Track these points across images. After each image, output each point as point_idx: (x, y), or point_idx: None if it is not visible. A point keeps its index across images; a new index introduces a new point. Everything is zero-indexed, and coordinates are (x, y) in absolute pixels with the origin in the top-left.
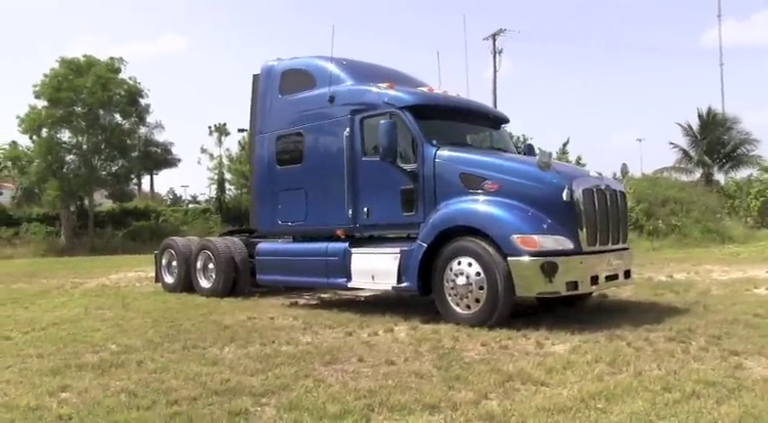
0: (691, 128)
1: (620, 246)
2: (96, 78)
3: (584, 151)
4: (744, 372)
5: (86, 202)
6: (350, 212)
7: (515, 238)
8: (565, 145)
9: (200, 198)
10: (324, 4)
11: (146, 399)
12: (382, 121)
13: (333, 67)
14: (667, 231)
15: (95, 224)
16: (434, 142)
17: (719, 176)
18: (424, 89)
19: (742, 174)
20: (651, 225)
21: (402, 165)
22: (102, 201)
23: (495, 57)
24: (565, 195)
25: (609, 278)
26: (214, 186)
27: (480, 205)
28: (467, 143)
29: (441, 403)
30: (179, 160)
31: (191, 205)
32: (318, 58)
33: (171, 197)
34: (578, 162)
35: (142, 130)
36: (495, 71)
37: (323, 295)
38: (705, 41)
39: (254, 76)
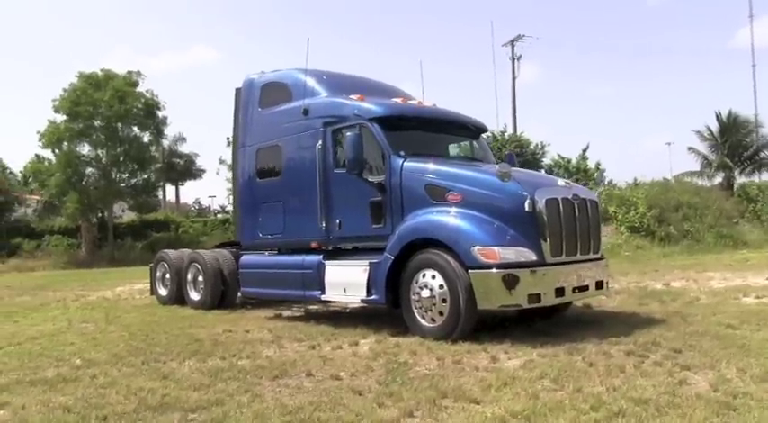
0: (711, 131)
1: (592, 256)
2: (114, 92)
3: (613, 157)
4: (684, 388)
5: (106, 214)
6: (323, 225)
7: (476, 250)
8: (584, 151)
9: (229, 208)
10: (354, 17)
11: (77, 414)
12: (349, 133)
13: (309, 80)
14: (679, 237)
15: (116, 236)
16: (402, 153)
17: (742, 180)
18: (398, 100)
19: (765, 177)
20: (663, 231)
21: (371, 176)
22: (126, 213)
23: (513, 63)
24: (527, 206)
25: (577, 290)
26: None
27: (443, 217)
28: (438, 154)
29: (362, 421)
30: (203, 171)
31: (218, 215)
32: (296, 70)
33: (197, 208)
34: (597, 168)
35: (166, 142)
36: (513, 78)
37: (311, 307)
38: (737, 42)
39: (237, 89)
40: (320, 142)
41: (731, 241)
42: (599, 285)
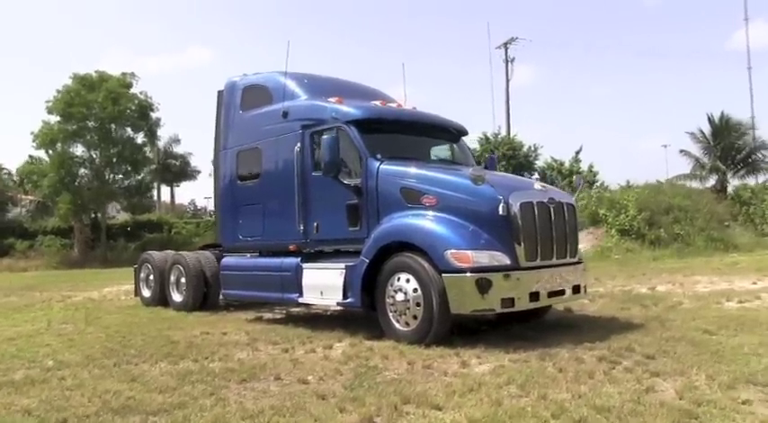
0: (703, 134)
1: (569, 260)
2: (107, 93)
3: (610, 159)
4: (650, 396)
5: (99, 215)
6: (301, 227)
7: (449, 253)
8: (578, 153)
9: None
10: (352, 19)
11: (37, 417)
12: (326, 136)
13: (289, 83)
14: (669, 240)
15: (109, 237)
16: (379, 156)
17: (736, 183)
18: (376, 103)
19: (760, 180)
20: (653, 234)
21: (348, 179)
22: (120, 214)
23: (506, 65)
24: (501, 209)
25: (553, 294)
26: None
27: (418, 220)
28: (417, 157)
29: None
30: (198, 172)
31: (212, 216)
32: (277, 73)
33: (192, 209)
34: (590, 170)
35: (161, 143)
36: (507, 80)
37: (293, 309)
38: (733, 44)
39: (219, 92)
40: (299, 145)
41: (722, 244)
42: (576, 290)
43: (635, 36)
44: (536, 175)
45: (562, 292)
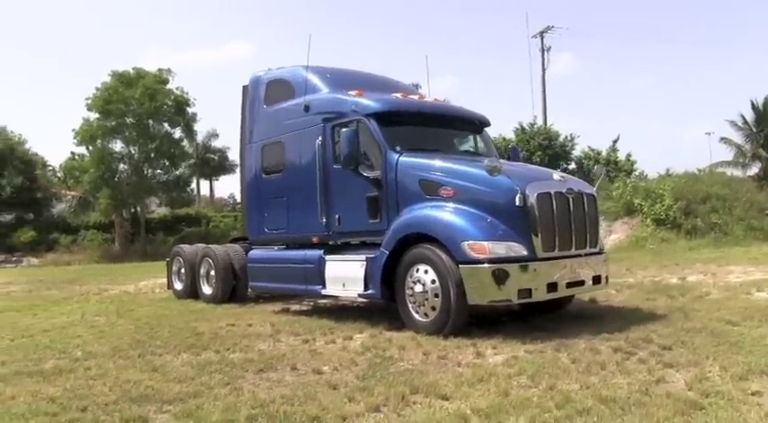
0: (745, 120)
1: (589, 250)
2: (144, 89)
3: (653, 147)
4: (659, 386)
5: (139, 209)
6: (323, 220)
7: (466, 245)
8: (615, 142)
9: None
10: (388, 12)
11: (60, 405)
12: (344, 129)
13: (310, 77)
14: (706, 230)
15: (148, 231)
16: (398, 148)
17: None
18: (397, 95)
19: None
20: (689, 224)
21: (368, 172)
22: (160, 208)
23: (543, 54)
24: (517, 200)
25: (572, 285)
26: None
27: (436, 212)
28: (439, 149)
29: (327, 415)
30: (236, 166)
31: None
32: (299, 67)
33: (231, 202)
34: (628, 159)
35: (199, 137)
36: (543, 69)
37: (321, 301)
38: None
39: (244, 87)
40: (320, 138)
41: (762, 234)
42: (596, 280)
43: (679, 25)
44: (573, 165)
45: (581, 283)
